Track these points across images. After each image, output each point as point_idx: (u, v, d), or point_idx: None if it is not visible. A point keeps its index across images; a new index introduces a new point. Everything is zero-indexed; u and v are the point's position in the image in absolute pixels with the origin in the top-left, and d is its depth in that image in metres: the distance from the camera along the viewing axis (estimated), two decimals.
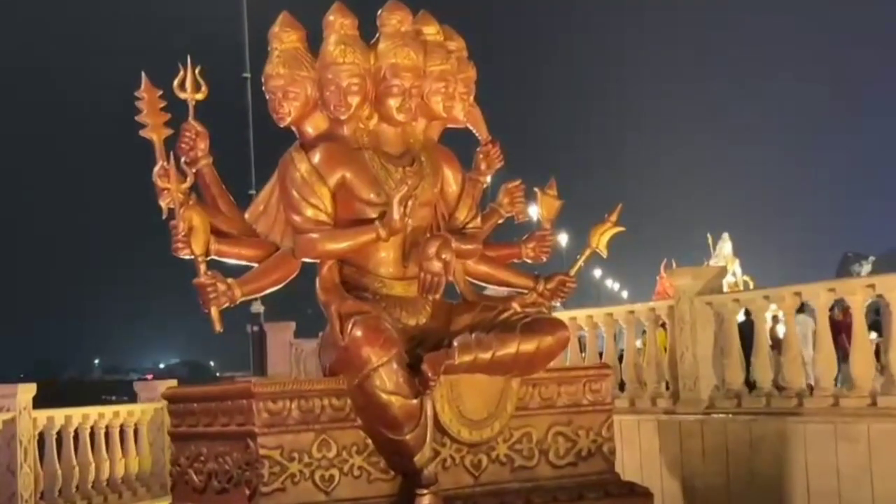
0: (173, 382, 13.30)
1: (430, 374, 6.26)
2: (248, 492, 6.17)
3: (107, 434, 12.60)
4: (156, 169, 6.63)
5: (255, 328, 24.89)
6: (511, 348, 6.60)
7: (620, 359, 12.69)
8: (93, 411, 12.52)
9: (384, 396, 6.21)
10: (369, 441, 6.42)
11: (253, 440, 6.14)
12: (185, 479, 6.77)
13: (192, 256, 6.47)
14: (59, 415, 11.75)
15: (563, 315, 13.24)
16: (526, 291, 7.38)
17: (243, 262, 6.94)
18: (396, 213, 6.53)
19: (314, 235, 6.73)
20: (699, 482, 10.47)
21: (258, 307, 24.99)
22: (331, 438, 6.33)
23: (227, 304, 6.50)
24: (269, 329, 22.85)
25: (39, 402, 11.71)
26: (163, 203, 6.62)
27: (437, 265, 6.67)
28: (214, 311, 6.44)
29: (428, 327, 6.84)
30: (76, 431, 12.11)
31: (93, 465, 12.21)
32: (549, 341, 6.78)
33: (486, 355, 6.51)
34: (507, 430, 6.87)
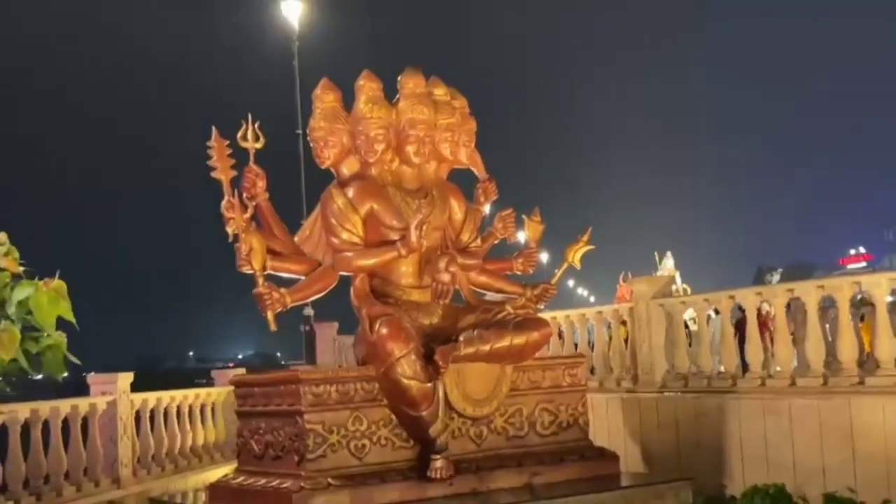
0: (242, 371, 13.14)
1: (440, 363, 6.23)
2: (296, 458, 6.04)
3: (190, 412, 12.41)
4: (223, 202, 6.53)
5: (307, 327, 24.66)
6: (505, 342, 6.56)
7: (592, 348, 12.53)
8: (179, 394, 12.34)
9: (405, 381, 6.11)
10: (393, 417, 6.30)
11: (300, 417, 6.02)
12: (248, 448, 6.64)
13: (253, 271, 6.37)
14: (152, 397, 11.59)
15: (547, 315, 13.19)
16: (517, 297, 7.25)
17: (293, 276, 6.83)
18: (413, 236, 6.49)
19: (349, 254, 6.68)
20: (655, 448, 10.31)
21: (309, 311, 24.84)
22: (363, 415, 6.19)
23: (280, 309, 6.42)
24: (318, 328, 22.64)
25: (146, 387, 11.66)
26: (229, 229, 6.54)
27: (446, 276, 6.73)
28: (270, 315, 6.35)
29: (439, 326, 6.73)
30: (166, 410, 11.93)
31: (179, 436, 12.03)
32: (535, 336, 6.76)
33: (486, 347, 6.48)
34: (503, 406, 6.78)
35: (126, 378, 10.82)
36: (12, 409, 8.52)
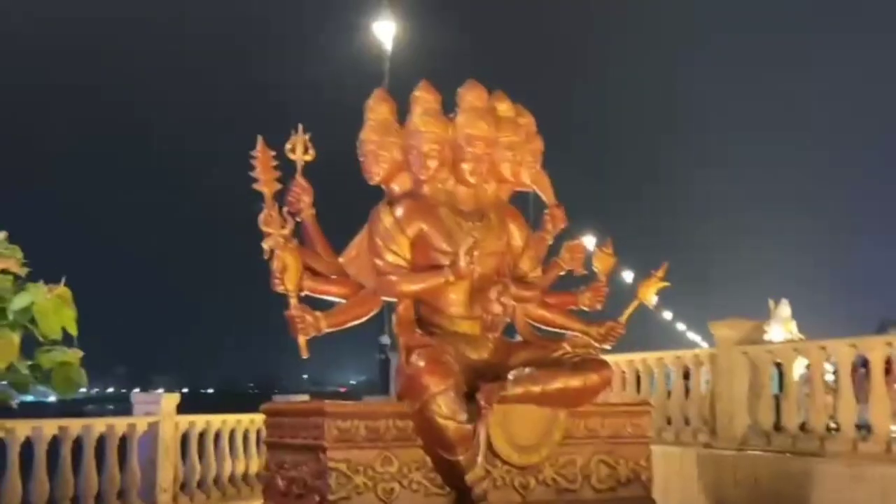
0: (305, 397, 12.76)
1: (483, 403, 5.79)
2: (317, 499, 5.65)
3: (245, 437, 12.09)
4: (261, 215, 6.23)
5: (383, 356, 24.46)
6: (559, 383, 6.10)
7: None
8: (231, 418, 12.09)
9: (440, 420, 5.67)
10: (428, 459, 5.86)
11: (323, 453, 5.63)
12: (273, 483, 6.29)
13: (285, 291, 6.02)
14: (200, 420, 11.36)
15: (623, 358, 12.60)
16: (578, 335, 6.76)
17: (332, 299, 6.47)
18: (462, 261, 6.09)
19: (393, 278, 6.33)
20: None
21: (386, 339, 24.62)
22: (393, 455, 5.77)
23: (314, 334, 6.08)
24: (392, 356, 22.51)
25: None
26: (265, 245, 6.23)
27: (497, 308, 6.32)
28: (302, 340, 6.02)
29: (489, 361, 6.29)
30: (218, 434, 11.66)
31: (229, 462, 11.75)
32: (594, 379, 6.26)
33: (537, 388, 6.02)
34: (554, 455, 6.29)
35: (171, 399, 10.61)
36: (37, 424, 8.34)
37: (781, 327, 25.39)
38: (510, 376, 5.95)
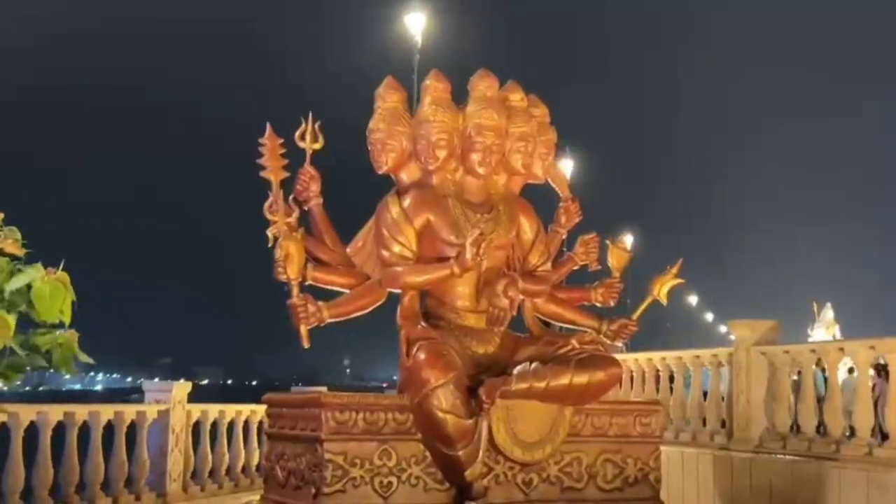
0: (323, 389, 12.63)
1: (484, 398, 5.69)
2: (313, 490, 5.59)
3: (260, 428, 12.01)
4: (266, 203, 6.17)
5: None
6: (564, 380, 5.97)
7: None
8: (245, 408, 12.07)
9: (440, 414, 5.59)
10: (428, 454, 5.78)
11: (320, 445, 5.56)
12: (273, 474, 6.25)
13: (287, 280, 5.97)
14: (213, 409, 11.35)
15: (643, 357, 12.45)
16: (588, 331, 6.65)
17: (337, 289, 6.39)
18: (468, 253, 6.00)
19: (398, 269, 6.25)
20: None
21: None
22: (392, 449, 5.70)
23: (315, 324, 6.04)
24: None
25: None
26: (270, 233, 6.18)
27: (503, 301, 6.21)
28: (303, 329, 5.97)
29: (495, 356, 6.21)
30: (231, 423, 11.64)
31: (243, 452, 11.74)
32: (600, 376, 6.12)
33: (541, 384, 5.90)
34: (559, 453, 6.19)
35: (182, 388, 10.60)
36: (43, 409, 8.33)
37: (825, 330, 25.14)
38: (514, 371, 5.86)
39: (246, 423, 11.96)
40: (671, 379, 11.97)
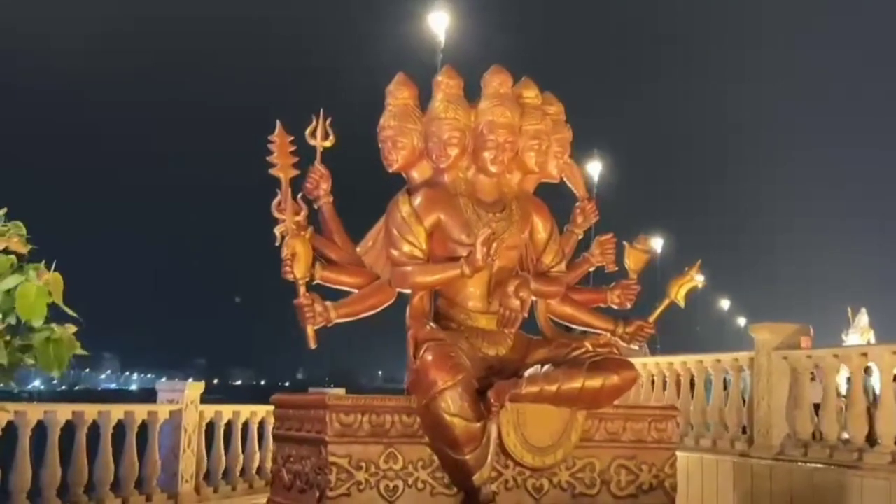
0: (341, 391, 12.56)
1: (494, 401, 5.57)
2: (317, 494, 5.49)
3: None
4: (275, 201, 6.09)
5: None
6: (577, 383, 5.84)
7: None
8: (260, 409, 11.99)
9: (447, 417, 5.48)
10: (435, 458, 5.66)
11: (324, 447, 5.46)
12: (280, 476, 6.17)
13: (294, 279, 5.89)
14: (227, 410, 11.28)
15: (662, 360, 12.28)
16: (603, 333, 6.52)
17: (346, 289, 6.30)
18: (479, 253, 5.89)
19: (408, 269, 6.15)
20: None
21: None
22: (398, 452, 5.60)
23: (322, 324, 5.97)
24: None
25: None
26: (277, 231, 6.09)
27: (515, 302, 6.07)
28: (310, 330, 5.90)
29: (506, 358, 6.09)
30: (246, 424, 11.57)
31: (258, 453, 11.66)
32: (614, 380, 5.99)
33: (552, 388, 5.77)
34: (571, 458, 6.07)
35: (195, 388, 10.52)
36: (51, 408, 8.29)
37: (859, 336, 24.78)
38: (525, 374, 5.75)
39: (261, 423, 11.87)
40: (692, 384, 11.79)
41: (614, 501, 6.16)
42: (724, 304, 62.05)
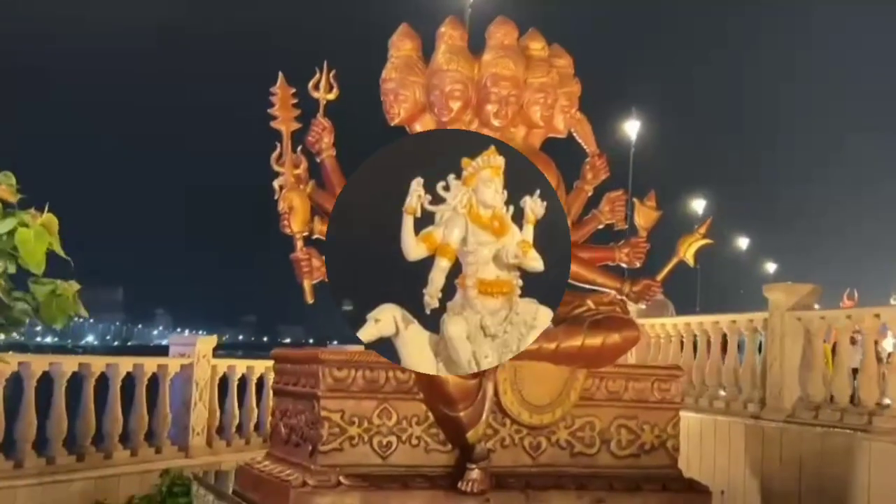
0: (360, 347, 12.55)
1: None
2: (310, 447, 5.47)
3: None
4: (274, 154, 6.06)
5: None
6: (576, 341, 5.85)
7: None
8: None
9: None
10: (430, 414, 5.65)
11: (317, 402, 5.45)
12: (278, 430, 6.19)
13: (291, 233, 5.86)
14: (240, 364, 11.31)
15: (679, 320, 12.15)
16: (608, 291, 6.44)
17: None
18: None
19: None
20: (776, 486, 9.18)
21: None
22: (392, 408, 5.59)
23: (319, 279, 5.89)
24: None
25: None
26: (276, 184, 6.05)
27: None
28: (307, 284, 5.89)
29: None
30: (261, 379, 11.60)
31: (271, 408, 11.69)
32: (615, 338, 5.99)
33: (551, 346, 5.76)
34: (570, 417, 6.05)
35: (207, 342, 10.55)
36: (56, 360, 8.33)
37: None
38: None
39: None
40: (724, 344, 11.66)
41: (614, 461, 6.13)
42: (770, 267, 62.06)
